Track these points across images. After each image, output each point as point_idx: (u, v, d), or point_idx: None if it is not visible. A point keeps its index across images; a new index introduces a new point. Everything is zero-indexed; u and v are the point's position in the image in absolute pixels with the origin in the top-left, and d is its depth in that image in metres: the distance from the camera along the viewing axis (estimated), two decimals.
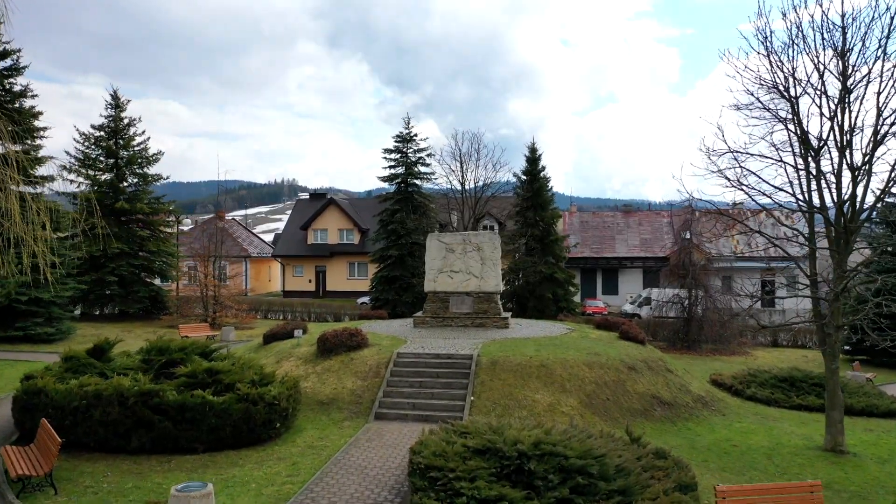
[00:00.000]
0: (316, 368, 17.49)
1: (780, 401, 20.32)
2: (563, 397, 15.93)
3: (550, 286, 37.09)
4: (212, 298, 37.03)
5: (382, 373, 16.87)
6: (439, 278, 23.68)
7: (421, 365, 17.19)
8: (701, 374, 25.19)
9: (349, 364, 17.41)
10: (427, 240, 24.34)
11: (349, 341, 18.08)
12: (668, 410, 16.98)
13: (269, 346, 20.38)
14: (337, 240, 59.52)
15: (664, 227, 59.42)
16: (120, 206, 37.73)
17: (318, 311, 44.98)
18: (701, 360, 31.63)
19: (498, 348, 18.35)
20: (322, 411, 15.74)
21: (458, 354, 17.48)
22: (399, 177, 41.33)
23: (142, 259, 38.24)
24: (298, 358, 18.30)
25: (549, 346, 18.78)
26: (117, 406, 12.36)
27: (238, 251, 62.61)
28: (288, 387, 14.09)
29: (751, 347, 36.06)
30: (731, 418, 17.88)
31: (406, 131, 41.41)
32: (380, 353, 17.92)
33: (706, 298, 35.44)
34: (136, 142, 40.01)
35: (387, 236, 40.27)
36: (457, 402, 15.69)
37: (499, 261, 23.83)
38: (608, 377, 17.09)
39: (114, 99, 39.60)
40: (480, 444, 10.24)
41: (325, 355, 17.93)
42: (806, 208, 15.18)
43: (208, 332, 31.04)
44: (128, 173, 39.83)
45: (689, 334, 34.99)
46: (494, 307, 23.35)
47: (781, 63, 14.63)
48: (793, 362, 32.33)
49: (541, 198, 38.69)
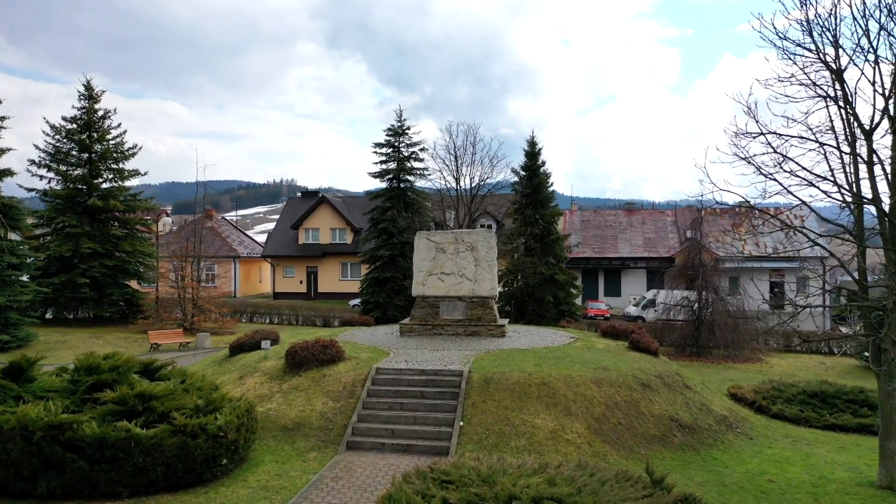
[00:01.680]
0: (282, 386, 15.16)
1: (810, 420, 18.02)
2: (569, 422, 13.62)
3: (551, 288, 34.74)
4: (190, 302, 34.66)
5: (358, 392, 14.54)
6: (428, 281, 21.35)
7: (403, 383, 14.86)
8: (717, 385, 22.92)
9: (321, 381, 15.08)
10: (415, 238, 21.99)
11: (322, 355, 15.74)
12: (690, 435, 14.66)
13: (235, 358, 18.06)
14: (329, 239, 57.34)
15: (668, 226, 57.18)
16: (92, 203, 35.40)
17: (306, 314, 42.66)
18: (714, 368, 29.35)
19: (493, 362, 16.04)
20: (286, 439, 13.42)
21: (447, 370, 15.15)
22: (391, 173, 38.86)
23: (116, 260, 35.85)
24: (264, 374, 15.97)
25: (550, 360, 16.46)
26: (20, 442, 10.03)
27: (227, 251, 60.37)
28: (239, 413, 11.76)
29: (764, 353, 33.73)
30: (759, 442, 15.57)
31: (398, 124, 38.95)
32: (357, 368, 15.59)
33: (717, 301, 33.17)
34: (111, 135, 37.71)
35: (377, 235, 37.86)
36: (443, 429, 13.38)
37: (495, 262, 21.52)
38: (620, 397, 14.77)
39: (87, 90, 37.22)
40: (465, 499, 7.94)
41: (293, 371, 15.61)
42: (852, 199, 12.86)
43: (181, 339, 28.71)
44: (102, 169, 37.47)
45: (699, 340, 32.71)
46: (490, 313, 21.02)
47: (825, 28, 12.32)
48: (811, 370, 30.09)
49: (541, 194, 36.29)
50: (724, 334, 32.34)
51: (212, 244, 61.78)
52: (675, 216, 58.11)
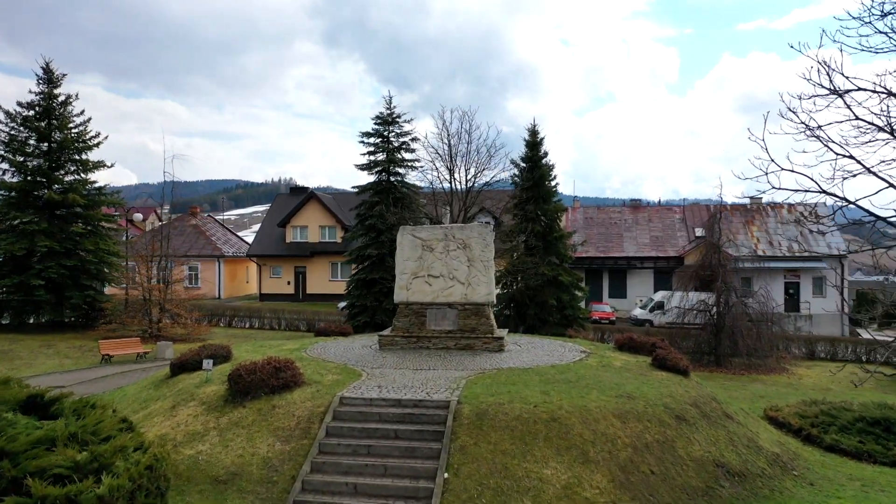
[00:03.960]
0: (221, 421, 11.92)
1: (875, 454, 14.82)
2: (587, 472, 10.40)
3: (554, 291, 31.43)
4: (156, 306, 31.42)
5: (315, 430, 11.31)
6: (414, 285, 18.10)
7: (373, 418, 11.63)
8: (748, 404, 19.79)
9: (269, 415, 11.85)
10: (398, 235, 18.75)
11: (273, 379, 12.50)
12: (740, 485, 11.45)
13: (176, 379, 14.80)
14: (318, 238, 54.24)
15: (677, 223, 54.08)
16: (49, 197, 32.14)
17: (289, 317, 39.49)
18: (737, 381, 26.19)
19: (488, 387, 12.82)
20: (215, 495, 10.20)
21: (430, 401, 11.91)
22: (379, 165, 35.47)
23: (76, 259, 32.56)
24: (201, 403, 12.73)
25: (560, 384, 13.25)
26: None
27: (211, 250, 57.19)
28: (138, 472, 8.52)
29: (788, 362, 30.55)
30: (823, 488, 12.36)
31: (387, 111, 35.58)
32: (316, 396, 12.35)
33: (738, 304, 29.99)
34: (73, 123, 34.43)
35: (364, 233, 34.50)
36: (422, 484, 10.13)
37: (491, 262, 18.27)
38: (650, 435, 11.55)
39: (46, 73, 33.93)
40: None
41: (237, 400, 12.38)
42: None
43: (139, 349, 25.44)
44: (63, 160, 34.18)
45: (718, 348, 29.53)
46: (485, 323, 17.75)
47: None
48: (844, 382, 26.91)
49: (542, 188, 32.92)
50: (745, 341, 29.22)
51: (195, 243, 58.58)
52: (683, 213, 55.00)
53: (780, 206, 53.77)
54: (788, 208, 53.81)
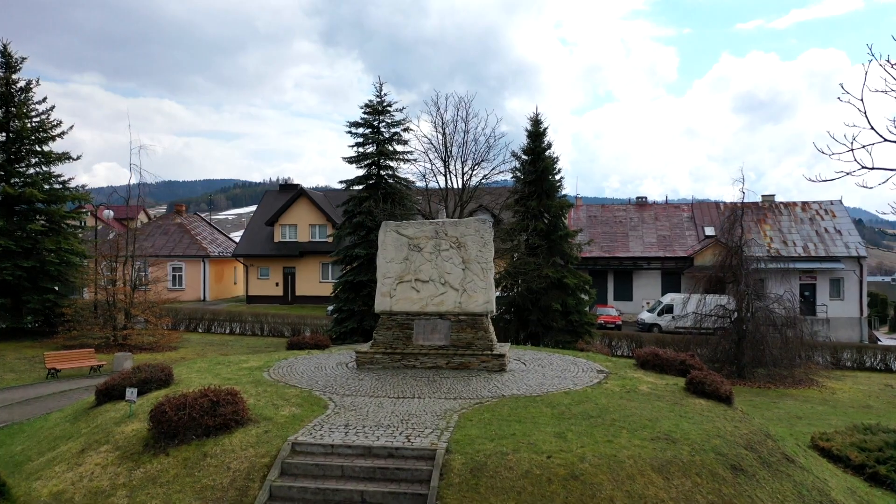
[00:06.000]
0: (134, 475, 9.04)
1: None
2: None
3: (558, 294, 28.51)
4: (121, 311, 28.49)
5: (253, 492, 8.43)
6: (398, 291, 15.21)
7: (333, 473, 8.75)
8: (785, 426, 17.07)
9: (197, 468, 8.97)
10: (380, 231, 15.85)
11: (208, 418, 9.62)
12: None
13: (98, 410, 11.90)
14: (308, 237, 51.43)
15: (685, 222, 51.32)
16: (5, 191, 29.24)
17: (273, 322, 36.56)
18: (765, 396, 23.39)
19: (488, 427, 9.95)
20: None
21: (410, 449, 9.03)
22: (369, 157, 32.51)
23: (35, 260, 29.64)
24: (116, 447, 9.84)
25: (579, 419, 10.38)
26: None
27: (196, 250, 54.34)
28: None
29: (816, 374, 27.70)
30: None
31: (377, 99, 32.64)
32: (262, 441, 9.47)
33: (763, 310, 27.14)
34: (34, 112, 31.56)
35: (352, 231, 31.58)
36: None
37: (490, 265, 15.40)
38: (703, 497, 8.70)
39: (3, 56, 31.04)
40: None
41: (160, 444, 9.51)
42: None
43: (92, 362, 22.49)
44: (23, 151, 31.27)
45: (741, 357, 26.69)
46: (484, 337, 14.86)
47: None
48: (881, 397, 24.14)
49: (546, 182, 29.96)
50: (771, 351, 26.41)
51: (179, 242, 55.73)
52: (691, 211, 52.24)
53: (793, 205, 51.08)
54: (803, 206, 51.15)
